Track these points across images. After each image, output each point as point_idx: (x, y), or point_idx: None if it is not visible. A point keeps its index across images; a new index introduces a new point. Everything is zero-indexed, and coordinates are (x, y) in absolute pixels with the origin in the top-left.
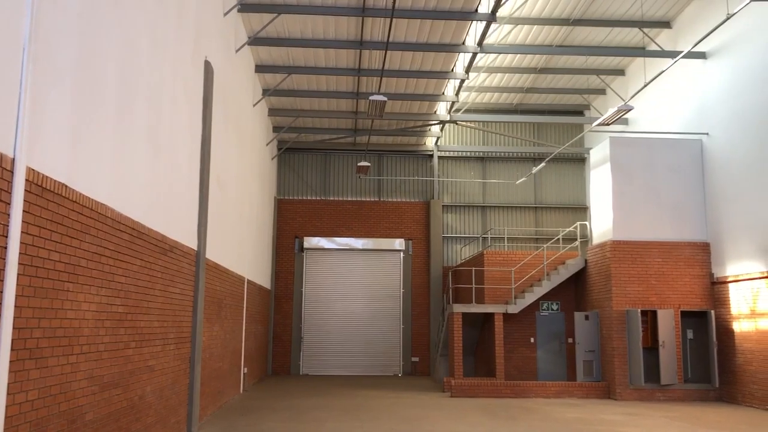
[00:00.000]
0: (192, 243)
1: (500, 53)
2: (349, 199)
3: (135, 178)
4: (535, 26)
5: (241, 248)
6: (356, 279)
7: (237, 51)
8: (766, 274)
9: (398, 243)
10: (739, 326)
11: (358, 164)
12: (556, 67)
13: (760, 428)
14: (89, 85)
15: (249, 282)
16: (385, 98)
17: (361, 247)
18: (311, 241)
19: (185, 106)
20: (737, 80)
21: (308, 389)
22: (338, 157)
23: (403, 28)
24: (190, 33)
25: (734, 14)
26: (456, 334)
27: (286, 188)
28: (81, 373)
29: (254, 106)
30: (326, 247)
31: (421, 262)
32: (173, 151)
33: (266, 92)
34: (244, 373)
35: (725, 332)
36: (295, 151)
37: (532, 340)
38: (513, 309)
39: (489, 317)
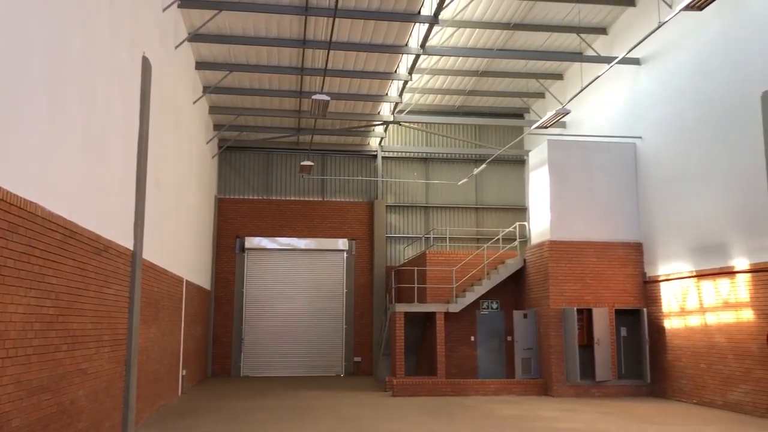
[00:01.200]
0: (128, 243)
1: (443, 55)
2: (292, 198)
3: (67, 176)
4: (477, 29)
5: (180, 248)
6: (299, 279)
7: (176, 47)
8: (695, 274)
9: (341, 243)
10: (669, 324)
11: (301, 163)
12: (497, 71)
13: (686, 421)
14: (14, 78)
15: (188, 283)
16: (328, 98)
17: (303, 247)
18: (253, 241)
19: (121, 102)
20: (669, 86)
21: (249, 391)
22: (281, 156)
23: (347, 27)
24: (126, 27)
25: (665, 23)
26: (398, 334)
27: (227, 187)
28: (7, 378)
29: (194, 103)
30: (268, 247)
31: (364, 262)
32: (108, 149)
33: (207, 89)
34: (182, 376)
35: (656, 329)
36: (236, 149)
37: (472, 338)
38: (454, 308)
39: (431, 316)
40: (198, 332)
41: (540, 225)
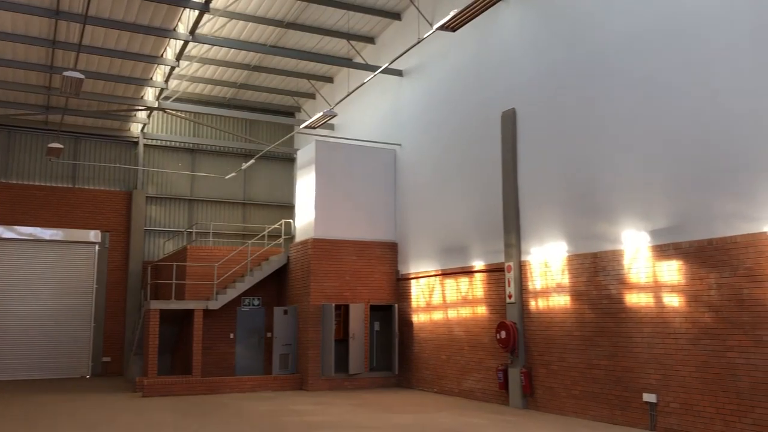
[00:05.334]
0: None
1: (213, 45)
2: (37, 183)
3: None
4: (250, 23)
5: None
6: (41, 273)
7: None
8: (440, 272)
9: (93, 235)
10: (417, 318)
11: (49, 145)
12: (269, 67)
13: (424, 409)
14: None
15: None
16: (81, 76)
17: (48, 238)
18: None
19: None
20: (426, 98)
21: None
22: (25, 136)
23: (108, 3)
24: None
25: (423, 39)
26: (152, 332)
27: None
28: None
29: None
30: (5, 236)
31: (118, 256)
32: None
33: None
34: None
35: (406, 324)
36: None
37: (231, 335)
38: (214, 305)
39: (189, 314)
40: None
41: (305, 223)
